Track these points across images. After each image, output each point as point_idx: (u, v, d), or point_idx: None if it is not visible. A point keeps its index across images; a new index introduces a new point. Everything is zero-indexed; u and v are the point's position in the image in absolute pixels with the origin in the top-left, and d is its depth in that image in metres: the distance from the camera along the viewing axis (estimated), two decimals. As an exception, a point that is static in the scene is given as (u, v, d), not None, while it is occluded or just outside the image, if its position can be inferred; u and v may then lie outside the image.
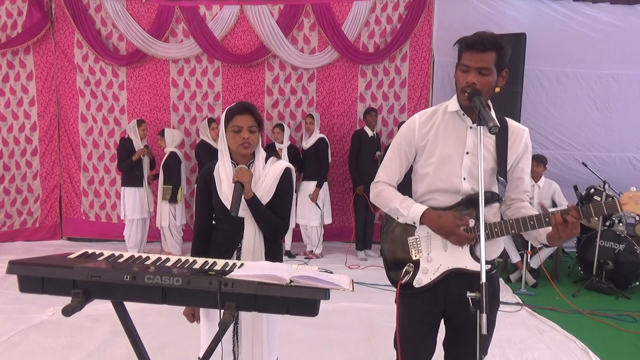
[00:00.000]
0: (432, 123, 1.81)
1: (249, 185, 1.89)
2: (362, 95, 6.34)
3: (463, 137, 1.76)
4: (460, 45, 1.68)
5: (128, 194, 5.54)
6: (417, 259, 1.79)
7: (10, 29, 6.00)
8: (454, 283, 1.74)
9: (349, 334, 3.55)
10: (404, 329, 1.84)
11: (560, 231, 1.58)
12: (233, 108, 1.96)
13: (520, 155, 1.79)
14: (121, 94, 6.30)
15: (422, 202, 1.83)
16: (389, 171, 1.90)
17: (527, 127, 1.84)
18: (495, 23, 5.88)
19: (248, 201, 1.90)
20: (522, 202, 1.82)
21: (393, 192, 1.87)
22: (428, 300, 1.79)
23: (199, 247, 2.07)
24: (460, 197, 1.76)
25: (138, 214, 5.58)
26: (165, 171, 5.55)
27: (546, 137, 6.20)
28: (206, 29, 6.12)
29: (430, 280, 1.76)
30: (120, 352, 3.14)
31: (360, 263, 5.58)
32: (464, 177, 1.74)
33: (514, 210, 1.81)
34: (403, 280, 1.79)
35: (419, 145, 1.82)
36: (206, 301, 1.32)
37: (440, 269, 1.75)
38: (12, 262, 1.33)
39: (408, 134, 1.84)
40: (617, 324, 3.85)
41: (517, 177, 1.80)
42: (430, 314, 1.81)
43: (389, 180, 1.90)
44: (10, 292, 4.24)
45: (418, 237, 1.80)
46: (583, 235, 5.18)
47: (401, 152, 1.86)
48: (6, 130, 6.16)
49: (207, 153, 5.39)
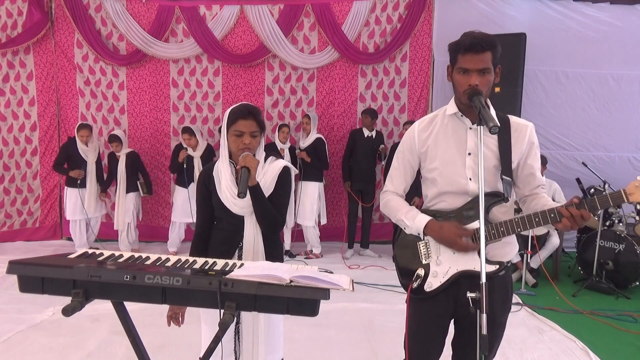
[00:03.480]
0: (432, 129, 1.82)
1: (255, 171, 1.88)
2: (362, 95, 6.34)
3: (464, 139, 1.76)
4: (456, 48, 1.67)
5: (69, 195, 5.60)
6: (427, 263, 1.80)
7: (10, 29, 6.00)
8: (464, 284, 1.72)
9: (349, 334, 3.55)
10: (413, 331, 1.85)
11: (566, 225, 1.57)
12: (236, 111, 1.94)
13: (526, 152, 1.78)
14: (121, 94, 6.30)
15: (433, 205, 1.84)
16: (395, 180, 1.93)
17: (531, 123, 1.82)
18: (495, 23, 5.88)
19: (251, 188, 1.89)
20: (538, 195, 1.79)
21: (400, 202, 1.89)
22: (439, 304, 1.79)
23: (199, 246, 2.07)
24: (469, 197, 1.75)
25: (79, 214, 5.59)
26: (130, 170, 5.64)
27: (546, 137, 6.20)
28: (206, 29, 6.12)
29: (440, 284, 1.76)
30: (120, 352, 3.14)
31: (360, 263, 5.59)
32: (470, 177, 1.74)
33: (532, 205, 1.79)
34: (414, 285, 1.80)
35: (420, 152, 1.84)
36: (206, 301, 1.32)
37: (449, 272, 1.75)
38: (12, 262, 1.33)
39: (409, 143, 1.87)
40: (617, 324, 3.85)
41: (528, 174, 1.79)
42: (440, 316, 1.82)
43: (396, 189, 1.93)
44: (10, 292, 4.25)
45: (427, 242, 1.81)
46: (583, 235, 5.19)
47: (405, 160, 1.89)
48: (6, 130, 6.16)
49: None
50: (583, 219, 1.54)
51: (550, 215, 1.59)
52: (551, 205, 1.67)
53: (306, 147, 5.68)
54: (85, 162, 5.57)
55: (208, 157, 5.63)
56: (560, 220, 1.57)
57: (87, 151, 5.58)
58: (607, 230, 4.81)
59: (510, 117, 1.81)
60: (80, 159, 5.55)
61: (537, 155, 1.81)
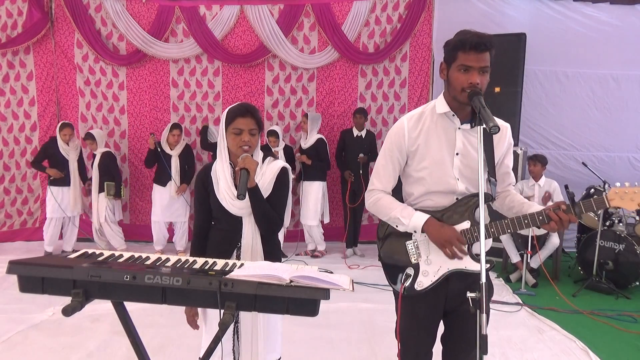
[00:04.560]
0: (421, 126, 1.80)
1: (254, 173, 1.89)
2: (362, 95, 6.34)
3: (452, 139, 1.77)
4: (459, 45, 1.66)
5: (51, 193, 5.58)
6: (416, 263, 1.81)
7: (10, 29, 6.00)
8: (453, 280, 1.77)
9: (349, 334, 3.55)
10: (404, 327, 1.87)
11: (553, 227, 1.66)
12: (235, 109, 1.95)
13: (505, 152, 1.86)
14: (121, 94, 6.30)
15: (418, 203, 1.85)
16: (383, 178, 1.88)
17: (508, 123, 1.88)
18: (495, 23, 5.88)
19: (250, 190, 1.89)
20: (510, 192, 1.90)
21: (391, 200, 1.86)
22: (430, 301, 1.81)
23: (198, 246, 2.08)
24: (456, 197, 1.78)
25: (59, 212, 5.59)
26: (103, 169, 5.63)
27: (546, 137, 6.20)
28: (206, 29, 6.11)
29: (431, 282, 1.77)
30: (120, 352, 3.14)
31: (360, 263, 5.59)
32: (457, 177, 1.77)
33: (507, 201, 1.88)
34: (405, 284, 1.80)
35: (410, 150, 1.81)
36: (206, 301, 1.32)
37: (440, 271, 1.77)
38: (12, 262, 1.33)
39: (398, 140, 1.82)
40: (617, 324, 3.85)
41: (504, 173, 1.89)
42: (432, 312, 1.84)
43: (384, 187, 1.88)
44: (10, 292, 4.24)
45: (416, 241, 1.81)
46: (583, 235, 5.18)
47: (393, 158, 1.85)
48: (6, 130, 6.16)
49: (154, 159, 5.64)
50: (569, 222, 1.65)
51: (539, 217, 1.67)
52: (527, 203, 1.79)
53: (307, 148, 5.71)
54: (66, 160, 5.60)
55: (186, 156, 5.73)
56: (548, 222, 1.66)
57: (68, 150, 5.60)
58: (607, 230, 4.80)
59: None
60: (61, 158, 5.57)
61: (512, 155, 1.90)
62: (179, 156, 5.64)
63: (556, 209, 1.65)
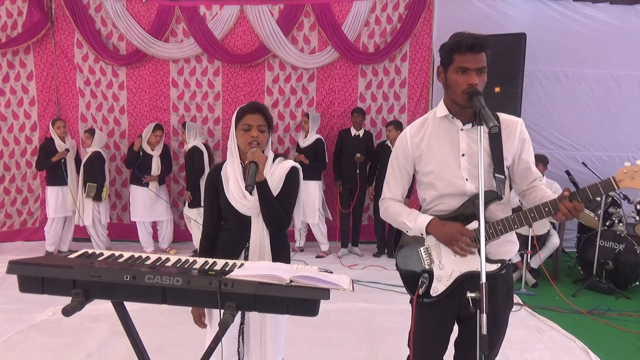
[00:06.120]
0: (423, 133, 1.83)
1: (263, 166, 1.89)
2: (362, 95, 6.34)
3: (456, 140, 1.78)
4: (455, 47, 1.67)
5: (51, 193, 5.59)
6: (430, 269, 1.81)
7: (10, 29, 6.00)
8: (469, 285, 1.73)
9: (349, 334, 3.55)
10: (418, 333, 1.86)
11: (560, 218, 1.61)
12: (244, 107, 1.97)
13: (520, 148, 1.79)
14: (121, 94, 6.30)
15: (432, 207, 1.85)
16: (392, 187, 1.93)
17: (520, 118, 1.83)
18: (495, 23, 5.88)
19: (259, 184, 1.88)
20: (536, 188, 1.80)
21: (399, 206, 1.90)
22: (444, 306, 1.81)
23: (208, 246, 2.07)
24: (467, 198, 1.77)
25: (60, 212, 5.61)
26: (88, 169, 5.61)
27: (546, 137, 6.20)
28: (206, 29, 6.11)
29: (445, 287, 1.78)
30: (120, 352, 3.14)
31: (360, 263, 5.59)
32: (466, 178, 1.76)
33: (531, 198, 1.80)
34: (420, 291, 1.81)
35: (414, 156, 1.85)
36: (206, 301, 1.32)
37: (453, 275, 1.77)
38: (12, 262, 1.33)
39: (402, 148, 1.88)
40: (617, 324, 3.85)
41: (524, 169, 1.81)
42: (445, 317, 1.84)
43: (393, 195, 1.93)
44: (10, 292, 4.24)
45: (428, 247, 1.82)
46: (583, 235, 5.18)
47: (400, 166, 1.90)
48: (6, 130, 6.16)
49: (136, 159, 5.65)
50: (576, 210, 1.57)
51: (545, 209, 1.63)
52: (548, 196, 1.69)
53: (306, 146, 5.73)
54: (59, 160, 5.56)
55: (165, 156, 5.79)
56: (555, 213, 1.61)
57: (65, 148, 5.60)
58: (607, 230, 4.80)
59: (499, 115, 1.82)
60: None
61: (531, 150, 1.83)
62: (160, 156, 5.71)
63: (562, 198, 1.60)
